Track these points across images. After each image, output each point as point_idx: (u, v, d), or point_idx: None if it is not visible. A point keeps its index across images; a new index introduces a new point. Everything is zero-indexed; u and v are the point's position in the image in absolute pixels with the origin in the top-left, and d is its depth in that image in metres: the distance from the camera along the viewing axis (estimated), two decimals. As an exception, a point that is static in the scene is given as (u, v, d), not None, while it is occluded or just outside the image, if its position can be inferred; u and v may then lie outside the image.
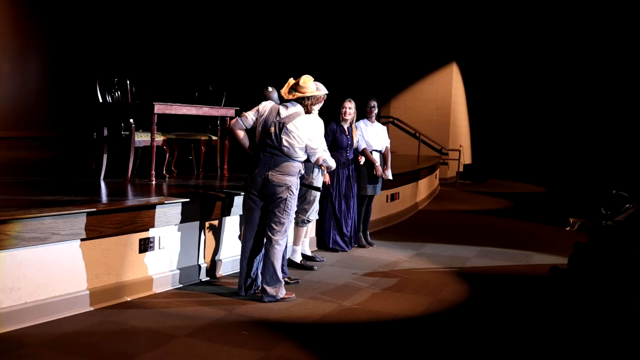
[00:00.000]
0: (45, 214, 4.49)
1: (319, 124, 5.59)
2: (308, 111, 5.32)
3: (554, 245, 8.29)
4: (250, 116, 5.34)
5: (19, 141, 12.60)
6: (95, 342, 4.22)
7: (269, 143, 5.19)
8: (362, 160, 7.29)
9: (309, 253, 6.84)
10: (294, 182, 5.26)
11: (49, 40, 14.31)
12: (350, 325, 4.87)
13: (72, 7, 14.25)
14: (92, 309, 4.83)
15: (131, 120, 6.62)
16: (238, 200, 5.99)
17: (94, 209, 4.83)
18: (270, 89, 6.28)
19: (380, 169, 7.57)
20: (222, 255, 6.12)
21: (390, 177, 7.86)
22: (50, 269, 4.61)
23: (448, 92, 17.15)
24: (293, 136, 5.16)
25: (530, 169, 19.07)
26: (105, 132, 6.90)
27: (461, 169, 17.44)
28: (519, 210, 12.31)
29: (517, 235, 9.37)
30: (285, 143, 5.15)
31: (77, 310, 4.74)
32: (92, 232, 4.81)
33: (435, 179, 14.36)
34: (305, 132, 5.22)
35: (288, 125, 5.16)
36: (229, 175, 7.53)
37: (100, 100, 6.94)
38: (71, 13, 14.30)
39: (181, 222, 5.55)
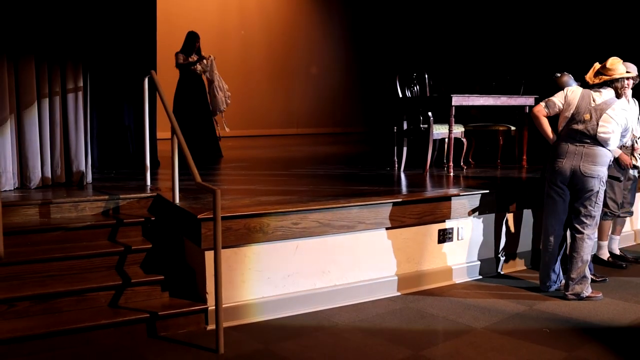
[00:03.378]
0: (352, 204, 4.84)
1: (634, 108, 5.36)
2: (619, 95, 4.91)
3: None
4: (558, 103, 5.01)
5: (331, 137, 13.72)
6: (396, 326, 4.42)
7: (582, 132, 4.87)
8: None
9: (617, 252, 6.29)
10: (605, 173, 4.92)
11: (351, 40, 15.30)
12: (667, 331, 4.39)
13: (373, 9, 15.04)
14: (393, 295, 5.08)
15: (429, 113, 6.77)
16: (539, 192, 5.76)
17: (396, 200, 5.06)
18: (558, 74, 5.93)
19: None
20: (522, 248, 5.95)
21: None
22: (356, 256, 4.95)
23: None
24: (612, 123, 4.81)
25: None
26: (405, 126, 7.16)
27: None
28: None
29: None
30: (602, 131, 4.82)
31: (380, 295, 5.02)
32: (394, 222, 5.04)
33: None
34: (623, 119, 4.85)
35: (607, 112, 4.81)
36: (528, 166, 7.29)
37: (400, 95, 7.22)
38: (373, 14, 15.10)
39: (480, 213, 5.53)
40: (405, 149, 7.14)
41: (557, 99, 5.02)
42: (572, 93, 4.97)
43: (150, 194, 5.27)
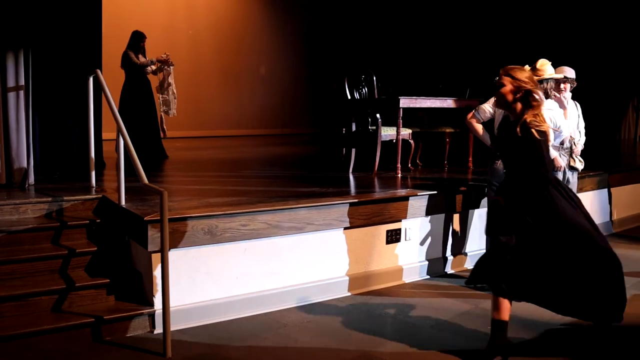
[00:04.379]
0: (301, 205, 4.84)
1: (574, 111, 5.60)
2: (548, 95, 5.10)
3: None
4: (488, 109, 5.23)
5: (280, 138, 13.69)
6: (345, 326, 4.43)
7: None
8: None
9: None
10: None
11: (300, 41, 15.31)
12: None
13: (323, 10, 15.08)
14: (343, 295, 5.10)
15: (377, 115, 6.82)
16: (484, 193, 5.88)
17: (345, 201, 5.08)
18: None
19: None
20: (469, 248, 6.06)
21: None
22: (306, 257, 4.95)
23: None
24: None
25: None
26: (354, 127, 7.20)
27: None
28: None
29: None
30: None
31: (330, 296, 5.03)
32: (343, 223, 5.07)
33: None
34: (550, 119, 4.98)
35: None
36: (474, 167, 7.42)
37: (349, 97, 7.26)
38: (321, 15, 15.14)
39: (427, 214, 5.61)
40: (353, 150, 7.18)
41: (487, 105, 5.25)
42: None
43: (96, 195, 5.17)
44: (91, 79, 5.54)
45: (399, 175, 6.77)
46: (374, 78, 7.44)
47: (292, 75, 15.27)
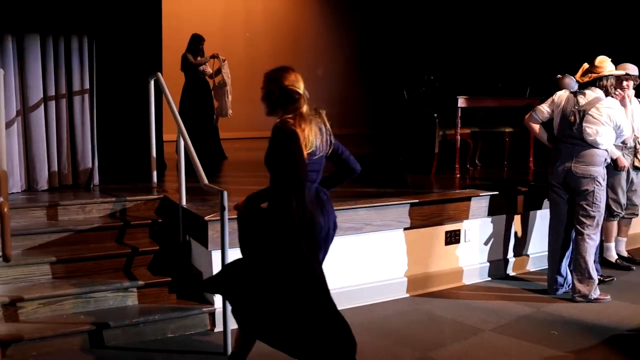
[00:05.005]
0: (359, 206, 4.83)
1: (636, 107, 5.50)
2: (608, 93, 4.93)
3: None
4: (545, 109, 5.13)
5: (337, 138, 13.66)
6: (404, 328, 4.41)
7: (569, 133, 4.91)
8: None
9: (624, 254, 6.23)
10: (600, 172, 4.91)
11: (357, 42, 15.29)
12: (677, 334, 4.36)
13: (379, 12, 15.03)
14: (402, 296, 5.06)
15: (435, 115, 6.75)
16: (545, 194, 5.74)
17: (403, 202, 5.04)
18: (560, 76, 5.95)
19: None
20: (531, 249, 5.93)
21: None
22: (364, 257, 4.94)
23: None
24: (596, 124, 4.81)
25: None
26: (411, 128, 7.15)
27: None
28: None
29: None
30: (587, 132, 4.83)
31: (387, 297, 5.00)
32: (401, 224, 5.03)
33: None
34: (608, 118, 4.83)
35: (590, 112, 4.83)
36: (534, 168, 7.27)
37: (406, 97, 7.21)
38: (377, 17, 15.10)
39: (487, 215, 5.51)
40: (411, 150, 7.12)
41: (545, 105, 5.17)
42: (558, 97, 5.08)
43: (157, 195, 5.27)
44: (152, 82, 5.65)
45: (458, 175, 6.68)
46: (432, 78, 7.37)
47: (348, 76, 15.25)
